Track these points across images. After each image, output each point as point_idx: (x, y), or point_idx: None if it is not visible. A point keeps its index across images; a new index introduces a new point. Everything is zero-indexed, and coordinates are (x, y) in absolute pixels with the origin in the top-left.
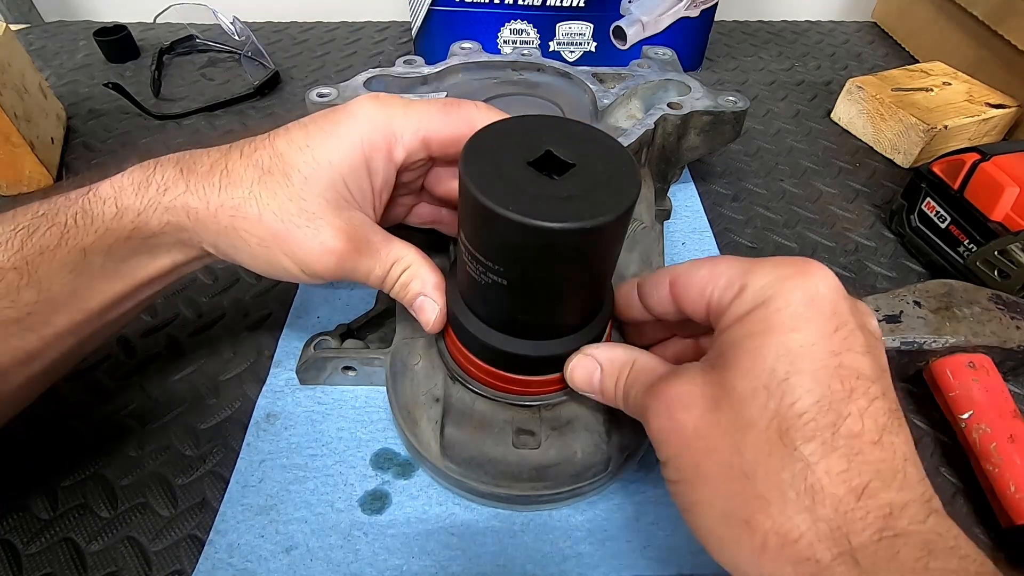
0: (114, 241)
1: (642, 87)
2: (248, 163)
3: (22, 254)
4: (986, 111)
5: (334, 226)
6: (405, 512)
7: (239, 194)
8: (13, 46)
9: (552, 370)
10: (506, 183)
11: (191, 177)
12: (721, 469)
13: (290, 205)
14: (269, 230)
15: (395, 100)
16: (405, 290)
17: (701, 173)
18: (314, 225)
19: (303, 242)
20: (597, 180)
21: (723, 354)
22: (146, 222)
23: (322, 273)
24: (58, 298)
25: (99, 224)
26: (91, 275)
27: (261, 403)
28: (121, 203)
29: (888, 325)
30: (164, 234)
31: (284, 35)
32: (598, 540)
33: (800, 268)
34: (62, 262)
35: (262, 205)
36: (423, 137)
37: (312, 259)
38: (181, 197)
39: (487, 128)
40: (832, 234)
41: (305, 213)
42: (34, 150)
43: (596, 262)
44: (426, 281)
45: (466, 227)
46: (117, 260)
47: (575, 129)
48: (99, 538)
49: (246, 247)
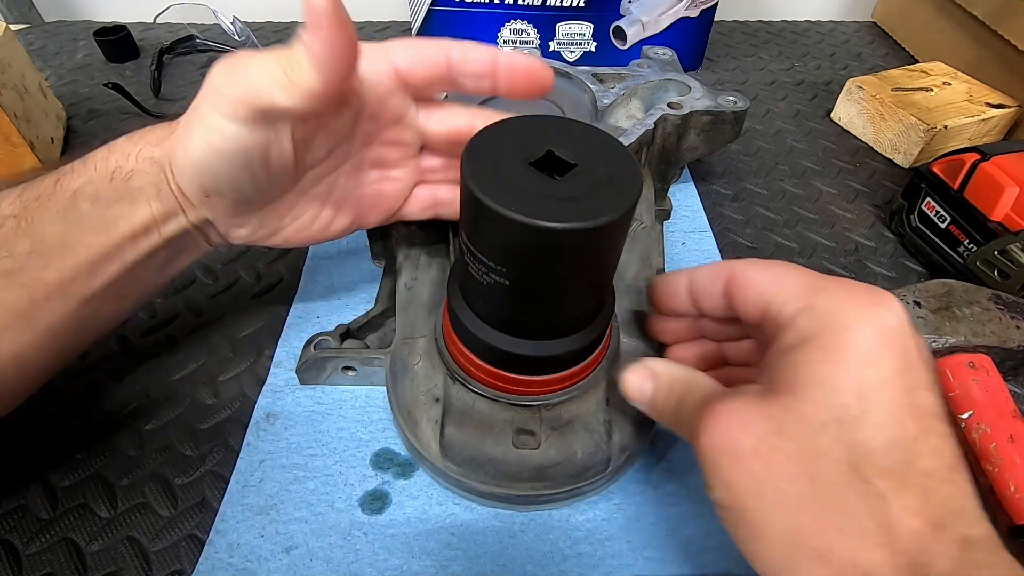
0: (100, 182)
1: (642, 87)
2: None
3: (21, 200)
4: (986, 111)
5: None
6: (405, 512)
7: (187, 107)
8: (13, 46)
9: (553, 370)
10: (508, 183)
11: (174, 127)
12: (787, 497)
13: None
14: (196, 111)
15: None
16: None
17: (701, 173)
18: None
19: (216, 93)
20: (599, 180)
21: (789, 378)
22: (127, 159)
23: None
24: (49, 249)
25: (91, 169)
26: (79, 223)
27: (261, 403)
28: (113, 148)
29: None
30: (143, 172)
31: (284, 35)
32: (598, 540)
33: (874, 298)
34: (54, 208)
35: (198, 99)
36: (391, 61)
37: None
38: (159, 138)
39: (488, 128)
40: (832, 234)
41: (216, 88)
42: (34, 150)
43: (598, 262)
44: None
45: (468, 227)
46: (102, 206)
47: (576, 129)
48: (99, 538)
49: (180, 131)
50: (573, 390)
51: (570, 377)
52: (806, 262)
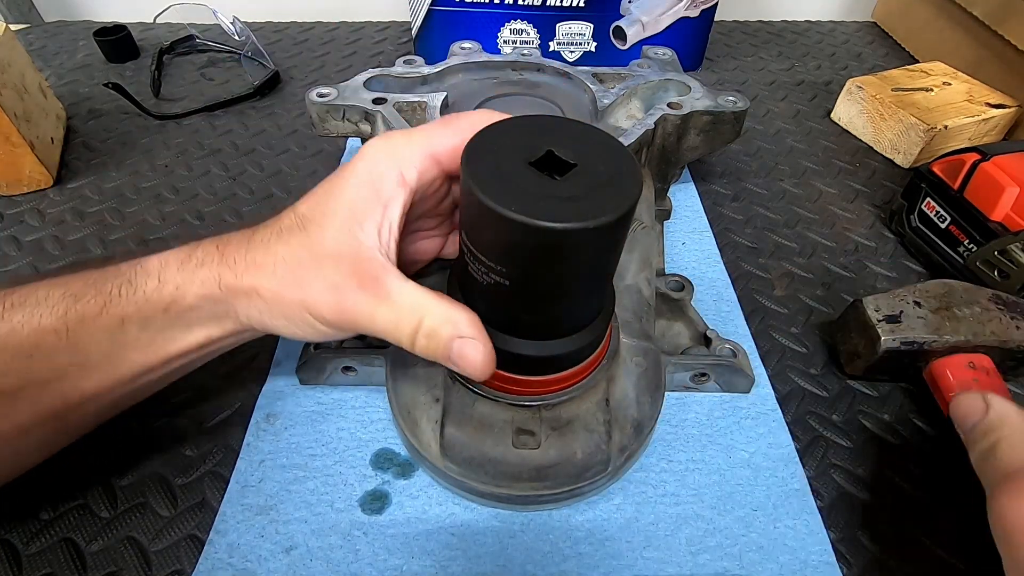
0: (152, 312)
1: (642, 87)
2: (271, 227)
3: (65, 319)
4: (986, 111)
5: (344, 268)
6: (405, 512)
7: (260, 254)
8: (13, 46)
9: (554, 370)
10: (508, 184)
11: (225, 250)
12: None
13: (301, 251)
14: (281, 280)
15: (399, 132)
16: (434, 339)
17: (701, 173)
18: (323, 265)
19: (310, 285)
20: (599, 180)
21: None
22: (184, 295)
23: (329, 316)
24: (91, 363)
25: (140, 295)
26: (126, 344)
27: (261, 403)
28: (163, 277)
29: (888, 325)
30: (200, 307)
31: (284, 35)
32: (598, 540)
33: None
34: (101, 329)
35: (275, 255)
36: (430, 154)
37: (319, 302)
38: (216, 268)
39: (488, 129)
40: (832, 234)
41: (315, 256)
42: (34, 150)
43: (599, 261)
44: (458, 322)
45: (468, 228)
46: (153, 331)
47: (576, 129)
48: (99, 538)
49: (264, 305)
50: (573, 390)
51: (570, 377)
52: (806, 262)
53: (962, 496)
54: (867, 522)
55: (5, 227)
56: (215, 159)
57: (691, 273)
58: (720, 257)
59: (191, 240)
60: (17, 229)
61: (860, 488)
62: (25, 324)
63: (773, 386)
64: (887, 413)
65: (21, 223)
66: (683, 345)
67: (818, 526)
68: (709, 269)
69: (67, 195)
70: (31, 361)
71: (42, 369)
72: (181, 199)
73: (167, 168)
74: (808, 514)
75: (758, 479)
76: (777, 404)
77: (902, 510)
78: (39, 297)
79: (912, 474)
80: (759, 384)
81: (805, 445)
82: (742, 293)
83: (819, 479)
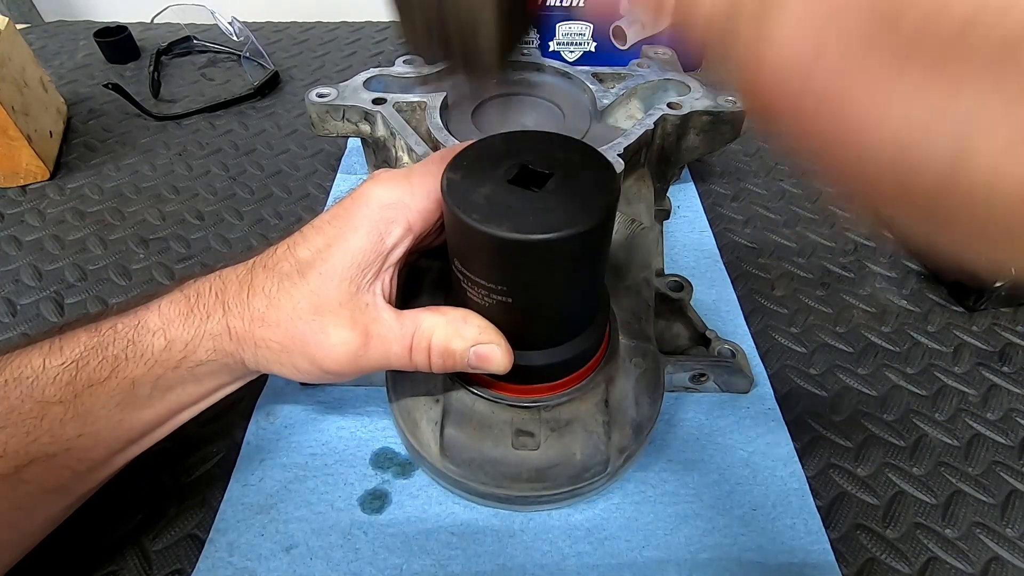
0: (163, 371)
1: (642, 87)
2: (270, 271)
3: (72, 388)
4: None
5: (346, 319)
6: (405, 511)
7: (262, 304)
8: (14, 40)
9: (559, 375)
10: (490, 204)
11: (226, 298)
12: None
13: (304, 303)
14: (286, 333)
15: (398, 174)
16: (449, 357)
17: (701, 173)
18: (325, 320)
19: (316, 340)
20: (577, 186)
21: None
22: (194, 351)
23: (338, 370)
24: (100, 431)
25: (149, 356)
26: (136, 405)
27: (261, 402)
28: (170, 335)
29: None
30: (211, 361)
31: (284, 35)
32: (598, 540)
33: None
34: (110, 394)
35: (280, 309)
36: (437, 199)
37: (327, 358)
38: (222, 321)
39: (460, 154)
40: (832, 234)
41: (318, 309)
42: (31, 143)
43: (591, 263)
44: (463, 332)
45: (460, 255)
46: (164, 389)
47: (547, 140)
48: (99, 538)
49: (272, 355)
50: (572, 391)
51: (570, 379)
52: (806, 262)
53: (962, 496)
54: (867, 522)
55: (5, 227)
56: (215, 159)
57: (691, 273)
58: (720, 257)
59: (190, 239)
60: (17, 229)
61: (860, 488)
62: (26, 399)
63: (772, 386)
64: (887, 413)
65: (21, 223)
66: (682, 345)
67: (817, 526)
68: (709, 269)
69: (67, 195)
70: (35, 437)
71: (49, 445)
72: (181, 199)
73: (167, 168)
74: (807, 514)
75: (757, 479)
76: (776, 404)
77: (902, 510)
78: (35, 368)
79: (912, 474)
80: (758, 384)
81: (804, 445)
82: (742, 293)
83: (818, 479)
